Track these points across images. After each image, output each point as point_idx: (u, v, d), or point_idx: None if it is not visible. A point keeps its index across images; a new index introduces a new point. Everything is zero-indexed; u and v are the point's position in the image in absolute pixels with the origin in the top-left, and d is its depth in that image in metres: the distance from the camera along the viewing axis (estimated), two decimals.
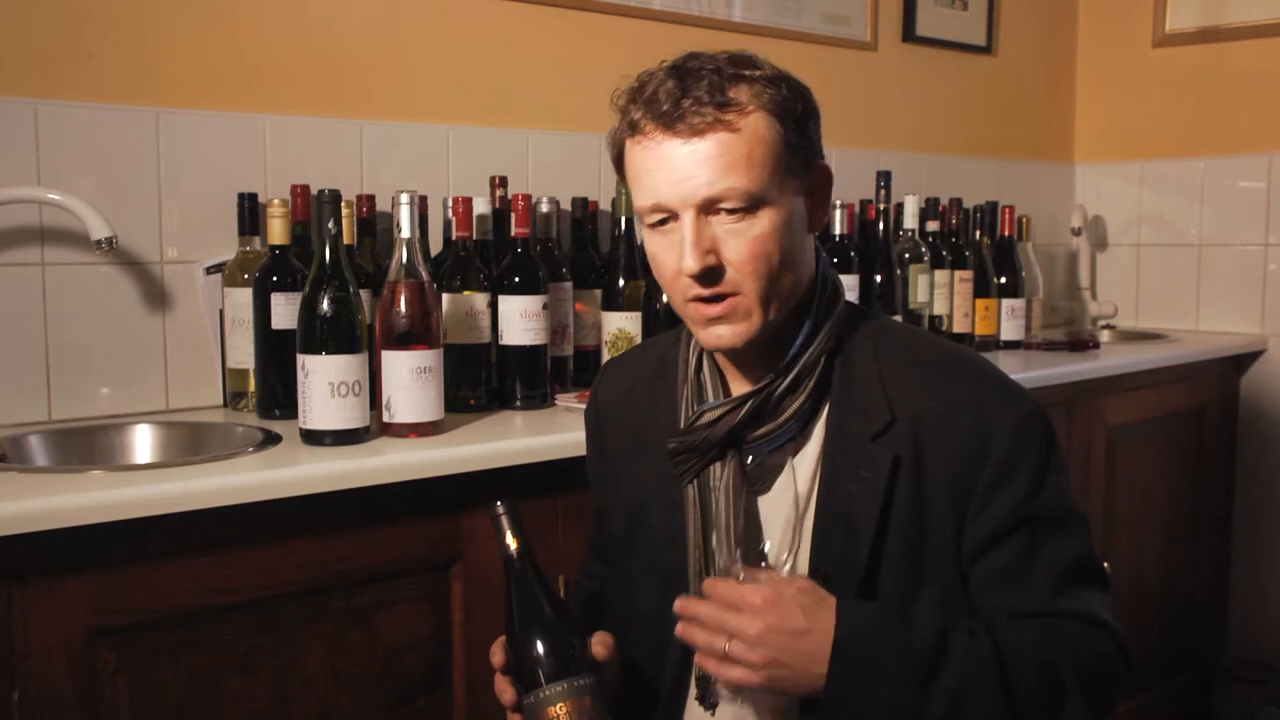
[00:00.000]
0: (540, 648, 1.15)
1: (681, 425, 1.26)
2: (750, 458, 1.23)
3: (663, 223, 1.17)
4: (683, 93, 1.13)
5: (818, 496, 1.21)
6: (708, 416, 1.22)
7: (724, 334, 1.18)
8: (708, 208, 1.14)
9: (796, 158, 1.18)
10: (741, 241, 1.15)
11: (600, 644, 1.20)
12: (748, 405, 1.20)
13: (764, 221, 1.15)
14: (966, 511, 1.19)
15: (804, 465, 1.22)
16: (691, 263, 1.14)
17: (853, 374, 1.23)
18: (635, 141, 1.17)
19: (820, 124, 1.23)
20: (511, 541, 1.18)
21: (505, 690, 1.18)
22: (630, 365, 1.43)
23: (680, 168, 1.14)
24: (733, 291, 1.16)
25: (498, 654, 1.19)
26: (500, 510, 1.19)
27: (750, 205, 1.15)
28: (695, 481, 1.23)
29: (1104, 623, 1.20)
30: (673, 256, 1.17)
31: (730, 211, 1.15)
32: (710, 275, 1.15)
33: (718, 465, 1.22)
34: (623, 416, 1.37)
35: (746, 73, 1.16)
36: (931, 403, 1.20)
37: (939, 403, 1.20)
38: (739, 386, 1.25)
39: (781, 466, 1.23)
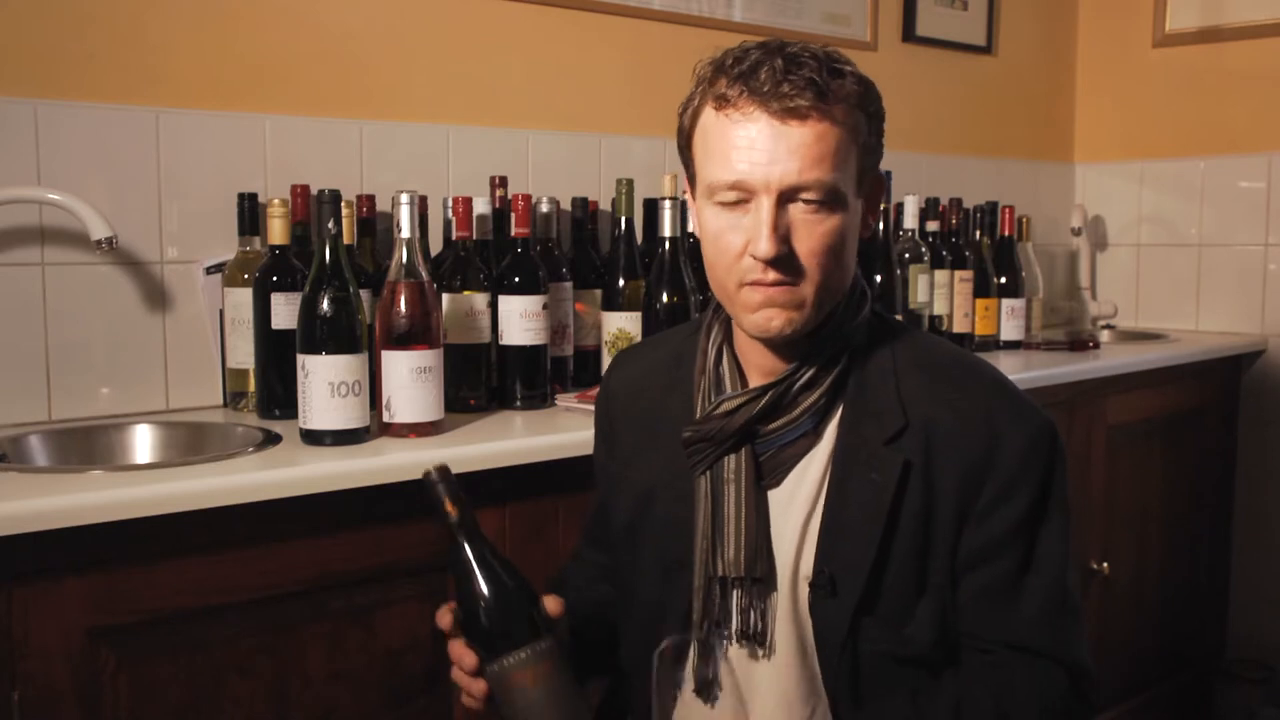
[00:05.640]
0: (501, 614, 1.14)
1: (698, 415, 1.26)
2: (763, 452, 1.23)
3: (735, 201, 1.16)
4: (784, 74, 1.12)
5: (827, 495, 1.21)
6: (726, 406, 1.22)
7: (775, 320, 1.17)
8: (789, 195, 1.14)
9: (869, 160, 1.19)
10: (815, 234, 1.15)
11: (553, 602, 1.19)
12: (767, 396, 1.20)
13: (837, 217, 1.15)
14: (966, 521, 1.19)
15: (815, 463, 1.22)
16: (769, 248, 1.13)
17: (869, 377, 1.23)
18: (723, 114, 1.15)
19: None
20: (451, 510, 1.15)
21: (465, 655, 1.16)
22: (644, 355, 1.43)
23: (770, 149, 1.12)
24: (793, 281, 1.16)
25: (445, 618, 1.18)
26: (434, 478, 1.16)
27: (830, 200, 1.14)
28: (708, 473, 1.23)
29: (1079, 665, 1.21)
30: (739, 237, 1.15)
31: (809, 202, 1.14)
32: (780, 263, 1.14)
33: (731, 457, 1.22)
34: (634, 406, 1.37)
35: (843, 67, 1.16)
36: (945, 411, 1.20)
37: (952, 411, 1.20)
38: (757, 381, 1.25)
39: (793, 462, 1.23)
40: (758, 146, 1.13)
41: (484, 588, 1.15)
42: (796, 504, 1.22)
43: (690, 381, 1.30)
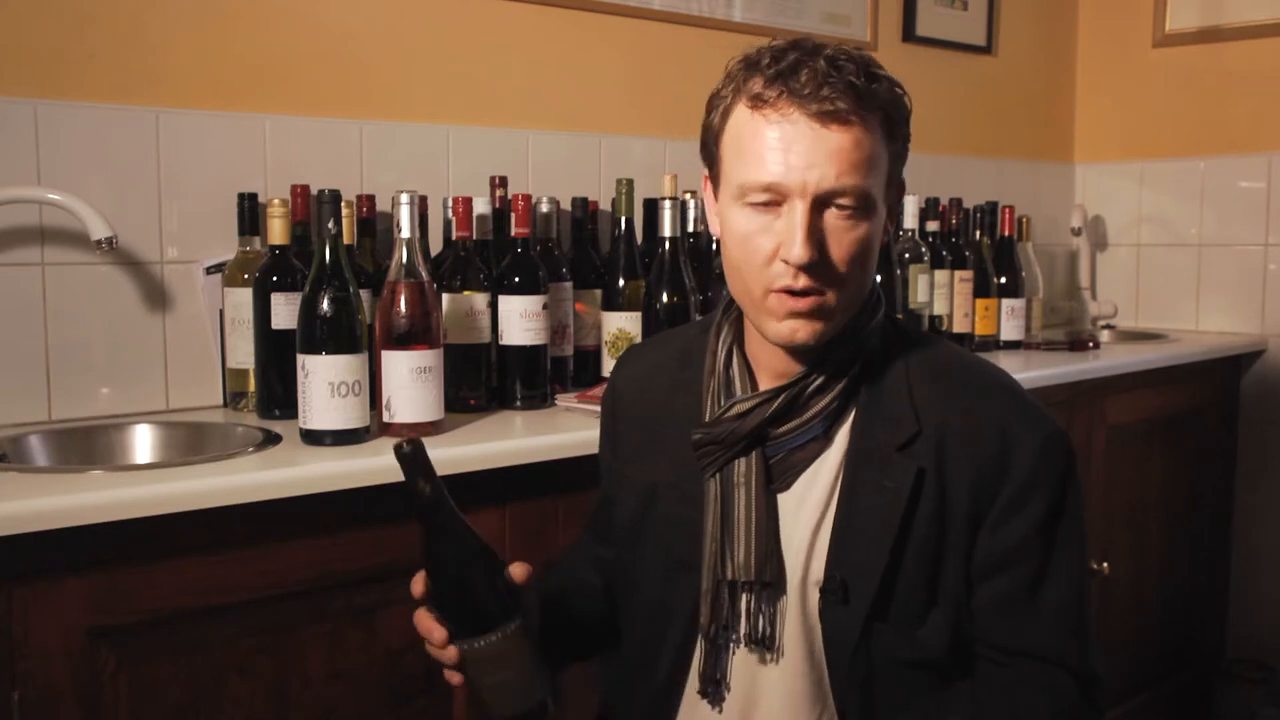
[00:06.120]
0: (471, 596, 1.14)
1: (707, 417, 1.25)
2: (773, 455, 1.22)
3: (767, 203, 1.14)
4: (826, 77, 1.09)
5: (838, 501, 1.20)
6: (738, 408, 1.21)
7: (800, 331, 1.16)
8: (824, 201, 1.12)
9: (897, 166, 1.18)
10: (846, 240, 1.13)
11: (519, 569, 1.19)
12: (780, 399, 1.20)
13: (867, 224, 1.14)
14: (981, 529, 1.18)
15: (826, 468, 1.22)
16: (803, 253, 1.11)
17: (882, 382, 1.22)
18: (759, 114, 1.12)
19: None
20: (424, 487, 1.13)
21: (433, 630, 1.16)
22: (651, 354, 1.42)
23: (808, 152, 1.10)
24: (822, 289, 1.14)
25: (419, 586, 1.17)
26: (406, 451, 1.13)
27: (863, 206, 1.13)
28: (718, 475, 1.23)
29: (1090, 672, 1.21)
30: (770, 240, 1.13)
31: (843, 208, 1.12)
32: (812, 268, 1.12)
33: (742, 460, 1.21)
34: (640, 404, 1.36)
35: (878, 71, 1.14)
36: (957, 417, 1.19)
37: (965, 418, 1.19)
38: (768, 383, 1.24)
39: (804, 465, 1.22)
40: (795, 149, 1.10)
41: (455, 567, 1.15)
42: (807, 508, 1.21)
43: (698, 381, 1.29)
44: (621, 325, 2.09)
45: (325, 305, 1.60)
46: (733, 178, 1.16)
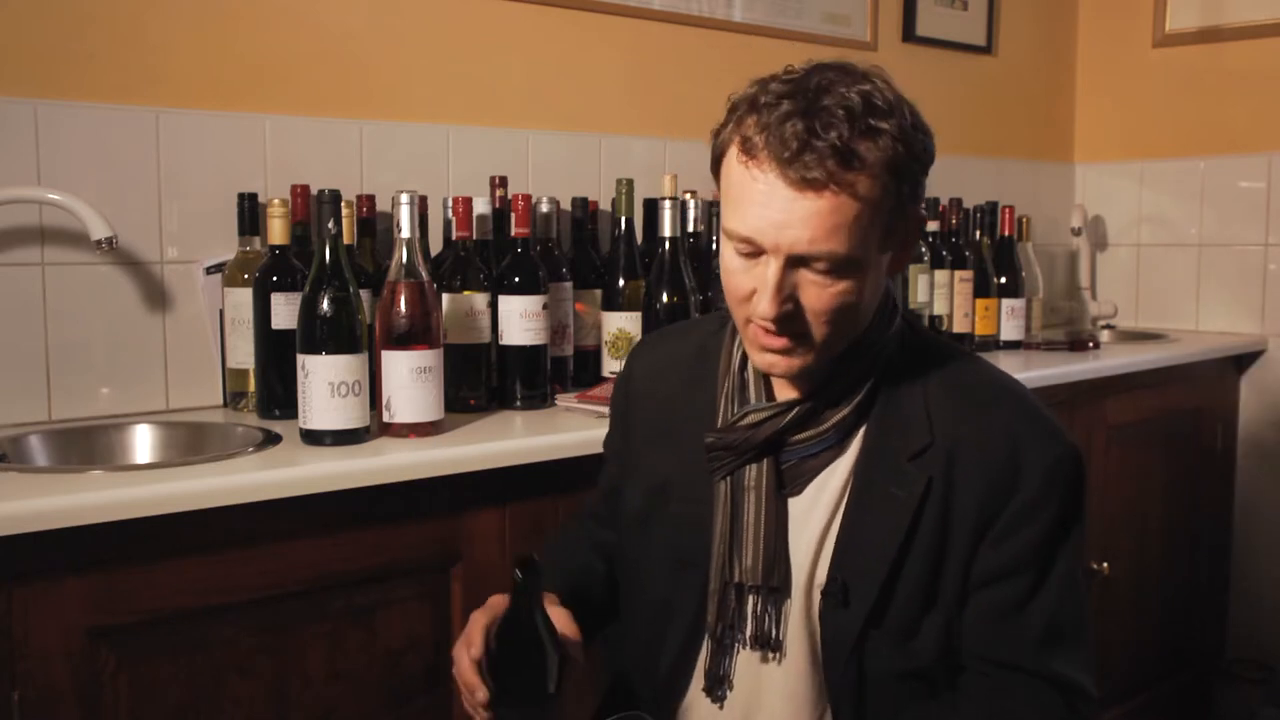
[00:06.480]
0: (535, 687, 1.15)
1: (720, 422, 1.25)
2: (785, 461, 1.22)
3: (748, 252, 1.13)
4: (809, 137, 1.06)
5: (847, 508, 1.20)
6: (752, 418, 1.21)
7: (777, 364, 1.17)
8: (799, 260, 1.11)
9: (899, 213, 1.14)
10: (823, 294, 1.12)
11: (578, 649, 1.20)
12: (794, 412, 1.20)
13: (848, 281, 1.13)
14: (983, 540, 1.18)
15: (837, 475, 1.22)
16: (769, 309, 1.11)
17: (898, 392, 1.22)
18: (744, 162, 1.11)
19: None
20: (532, 615, 1.15)
21: (478, 688, 1.16)
22: (666, 346, 1.42)
23: (783, 213, 1.08)
24: (797, 336, 1.14)
25: (477, 649, 1.17)
26: (521, 582, 1.14)
27: (839, 268, 1.11)
28: (728, 478, 1.23)
29: (1076, 686, 1.20)
30: (749, 282, 1.14)
31: (818, 269, 1.11)
32: (783, 321, 1.13)
33: (753, 466, 1.22)
34: (653, 396, 1.36)
35: (879, 124, 1.09)
36: (970, 429, 1.19)
37: (978, 430, 1.19)
38: (783, 390, 1.24)
39: (815, 472, 1.22)
40: (773, 206, 1.09)
41: (529, 671, 1.15)
42: (816, 513, 1.22)
43: (712, 379, 1.29)
44: (621, 325, 2.09)
45: (325, 305, 1.60)
46: (723, 215, 1.17)
